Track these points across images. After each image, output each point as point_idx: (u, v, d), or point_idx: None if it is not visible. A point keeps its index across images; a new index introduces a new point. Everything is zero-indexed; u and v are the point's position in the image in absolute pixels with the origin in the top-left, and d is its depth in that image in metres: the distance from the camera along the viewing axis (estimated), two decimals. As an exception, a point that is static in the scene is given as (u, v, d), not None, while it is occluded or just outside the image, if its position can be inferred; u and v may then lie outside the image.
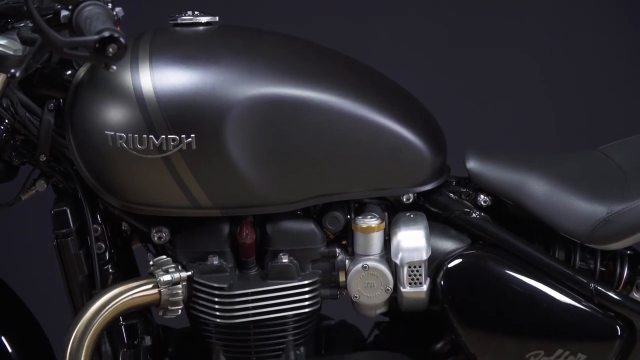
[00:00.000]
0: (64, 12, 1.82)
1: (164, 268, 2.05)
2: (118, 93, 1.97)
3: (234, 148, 1.97)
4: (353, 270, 2.09)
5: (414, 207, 2.14)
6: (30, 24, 1.87)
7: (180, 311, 2.07)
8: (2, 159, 2.05)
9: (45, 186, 2.11)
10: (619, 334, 2.10)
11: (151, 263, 2.08)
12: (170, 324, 2.22)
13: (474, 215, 2.14)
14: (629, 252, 2.18)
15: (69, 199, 2.11)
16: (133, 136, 1.96)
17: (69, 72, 2.05)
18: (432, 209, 2.15)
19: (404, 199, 2.13)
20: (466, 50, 3.98)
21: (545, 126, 4.01)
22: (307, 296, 2.07)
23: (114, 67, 1.76)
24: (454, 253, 2.10)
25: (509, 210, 2.16)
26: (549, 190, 2.11)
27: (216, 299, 2.04)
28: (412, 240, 2.07)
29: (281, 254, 2.07)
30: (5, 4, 1.99)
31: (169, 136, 1.96)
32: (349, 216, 2.11)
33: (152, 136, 1.96)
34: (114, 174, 2.01)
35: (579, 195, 2.10)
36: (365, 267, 2.08)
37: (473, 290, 2.10)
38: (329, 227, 2.10)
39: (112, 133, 1.97)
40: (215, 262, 2.06)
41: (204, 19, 2.09)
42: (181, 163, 1.97)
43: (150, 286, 2.05)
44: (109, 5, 1.84)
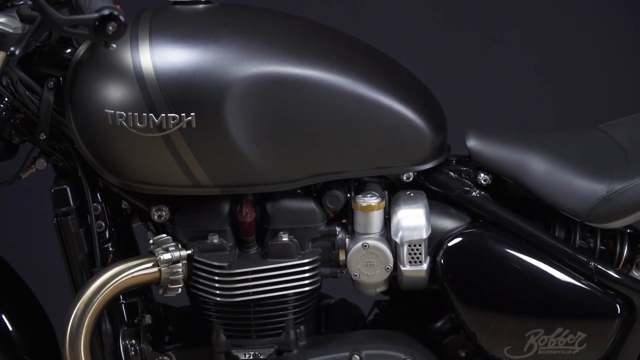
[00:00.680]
0: (63, -10, 1.82)
1: (164, 247, 2.06)
2: (118, 71, 1.97)
3: (234, 126, 1.97)
4: (353, 248, 2.09)
5: (414, 185, 2.14)
6: (30, 2, 1.87)
7: (180, 290, 2.08)
8: (2, 137, 2.05)
9: (45, 165, 2.11)
10: (619, 312, 2.10)
11: (151, 242, 2.08)
12: (171, 302, 2.23)
13: (474, 193, 2.14)
14: (629, 230, 2.18)
15: (69, 178, 2.10)
16: (133, 114, 1.96)
17: (68, 50, 2.04)
18: (432, 187, 2.15)
19: (404, 178, 2.12)
20: (467, 29, 3.97)
21: (546, 105, 4.00)
22: (307, 275, 2.07)
23: (114, 46, 1.76)
24: (454, 232, 2.10)
25: (509, 188, 2.16)
26: (549, 169, 2.11)
27: (216, 278, 2.05)
28: (412, 219, 2.07)
29: (281, 232, 2.07)
30: (5, -19, 1.99)
31: (169, 115, 1.96)
32: (349, 195, 2.11)
33: (152, 115, 1.95)
34: (113, 153, 2.01)
35: (579, 173, 2.10)
36: (365, 246, 2.08)
37: (473, 269, 2.10)
38: (329, 205, 2.10)
39: (112, 111, 1.97)
40: (215, 241, 2.06)
41: (204, -3, 2.08)
42: (181, 142, 1.97)
43: (151, 265, 2.05)
44: (109, -16, 1.83)
